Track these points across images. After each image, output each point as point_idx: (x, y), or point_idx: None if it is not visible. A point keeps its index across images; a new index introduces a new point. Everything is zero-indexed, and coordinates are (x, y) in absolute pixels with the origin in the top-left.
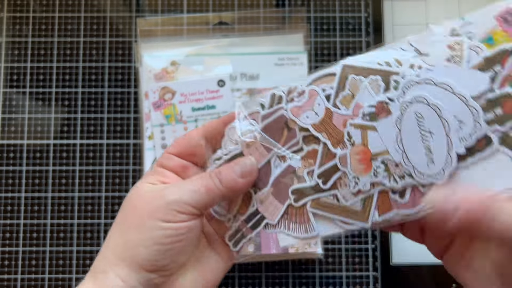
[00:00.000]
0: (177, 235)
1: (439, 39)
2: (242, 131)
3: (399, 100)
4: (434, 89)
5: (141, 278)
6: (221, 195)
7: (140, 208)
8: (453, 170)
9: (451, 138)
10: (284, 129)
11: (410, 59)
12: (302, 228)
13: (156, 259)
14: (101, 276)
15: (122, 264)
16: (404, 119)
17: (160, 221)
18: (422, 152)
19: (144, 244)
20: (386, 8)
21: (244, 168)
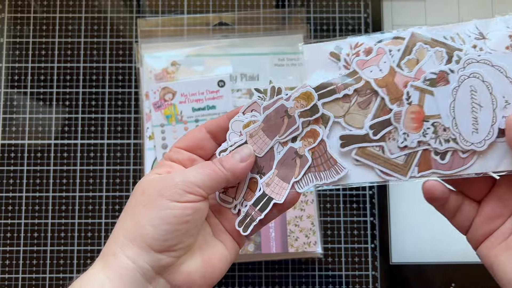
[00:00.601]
0: (184, 216)
1: (502, 27)
2: (245, 123)
3: (459, 72)
4: (490, 69)
5: (150, 259)
6: (225, 178)
7: (149, 191)
8: (492, 141)
9: (496, 114)
10: (284, 117)
11: (474, 40)
12: (333, 171)
13: (164, 239)
14: (111, 258)
15: (131, 244)
16: (460, 90)
17: (168, 200)
18: (470, 122)
19: (152, 223)
20: (385, 8)
21: (243, 154)
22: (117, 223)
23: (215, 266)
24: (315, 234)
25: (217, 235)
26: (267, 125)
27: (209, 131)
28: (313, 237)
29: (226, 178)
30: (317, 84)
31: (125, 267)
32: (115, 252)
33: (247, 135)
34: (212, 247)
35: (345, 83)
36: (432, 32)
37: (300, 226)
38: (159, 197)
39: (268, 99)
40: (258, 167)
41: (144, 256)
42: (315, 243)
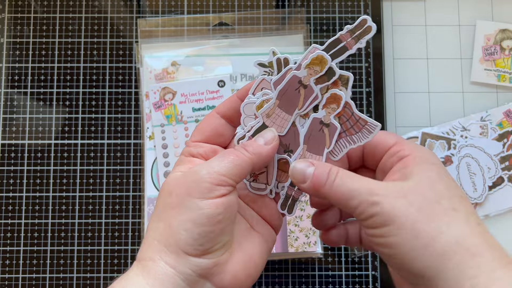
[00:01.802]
0: (216, 215)
1: (474, 122)
2: (258, 103)
3: (457, 155)
4: (475, 150)
5: (189, 264)
6: (250, 162)
7: (176, 191)
8: (486, 194)
9: (485, 177)
10: (300, 88)
11: (460, 132)
12: (365, 132)
13: (199, 243)
14: (150, 264)
15: (167, 250)
16: (460, 166)
17: (197, 199)
18: (470, 185)
19: (184, 227)
20: (385, 8)
21: (267, 137)
22: (149, 226)
23: (257, 262)
24: (315, 234)
25: (255, 226)
26: (283, 101)
27: (223, 116)
28: (313, 237)
29: (252, 162)
30: (326, 45)
31: (165, 273)
32: (153, 258)
33: (264, 116)
34: (251, 242)
35: (355, 35)
36: (434, 130)
37: (300, 226)
38: (188, 196)
39: (276, 73)
40: (284, 146)
41: (183, 262)
42: (315, 243)
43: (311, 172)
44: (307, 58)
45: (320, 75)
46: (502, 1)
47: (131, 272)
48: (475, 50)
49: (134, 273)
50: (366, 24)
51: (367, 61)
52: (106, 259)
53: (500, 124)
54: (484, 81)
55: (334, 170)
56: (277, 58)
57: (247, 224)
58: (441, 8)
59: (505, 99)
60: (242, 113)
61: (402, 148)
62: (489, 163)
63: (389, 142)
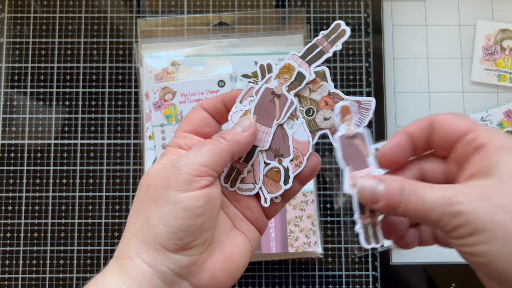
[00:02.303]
0: (196, 208)
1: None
2: (242, 114)
3: None
4: None
5: (167, 261)
6: (229, 150)
7: (154, 185)
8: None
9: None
10: (273, 99)
11: None
12: (364, 111)
13: (177, 237)
14: (127, 262)
15: (145, 247)
16: None
17: (176, 191)
18: None
19: (163, 221)
20: (385, 8)
21: (244, 125)
22: (127, 223)
23: (238, 261)
24: (315, 234)
25: (238, 226)
26: (260, 115)
27: (207, 111)
28: (313, 237)
29: (230, 149)
30: (303, 51)
31: (143, 272)
32: (130, 256)
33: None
34: (232, 240)
35: (331, 40)
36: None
37: (300, 226)
38: (166, 189)
39: (261, 79)
40: (274, 151)
41: (160, 259)
42: (315, 243)
43: (382, 190)
44: (276, 69)
45: (291, 82)
46: (502, 1)
47: (108, 272)
48: (475, 50)
49: (111, 273)
50: (340, 28)
51: (367, 61)
52: (106, 259)
53: (501, 124)
54: (485, 81)
55: (407, 185)
56: (260, 65)
57: (230, 221)
58: (441, 8)
59: (506, 99)
60: (230, 121)
61: (478, 135)
62: None
63: (462, 127)
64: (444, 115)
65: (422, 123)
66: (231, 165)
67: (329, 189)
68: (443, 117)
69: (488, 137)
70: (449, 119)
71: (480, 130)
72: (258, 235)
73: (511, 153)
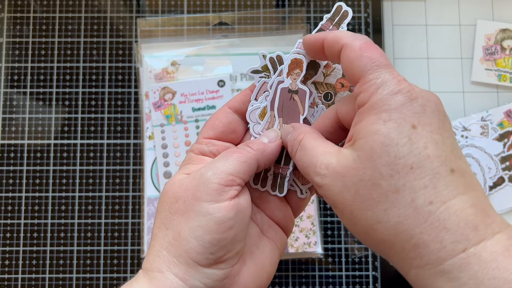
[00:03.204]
0: (227, 220)
1: (475, 122)
2: (260, 111)
3: None
4: (475, 149)
5: (200, 276)
6: (255, 158)
7: (183, 196)
8: (487, 195)
9: (485, 178)
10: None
11: (461, 132)
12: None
13: (210, 252)
14: (157, 275)
15: (176, 261)
16: None
17: (206, 203)
18: None
19: (194, 235)
20: (385, 8)
21: (270, 136)
22: (154, 234)
23: (268, 270)
24: (315, 234)
25: (266, 233)
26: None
27: (236, 111)
28: (313, 237)
29: (256, 158)
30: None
31: (175, 287)
32: (161, 269)
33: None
34: (262, 249)
35: (336, 22)
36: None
37: (300, 226)
38: (195, 201)
39: (273, 72)
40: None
41: (194, 274)
42: (315, 243)
43: (288, 138)
44: (286, 67)
45: (304, 74)
46: (502, 1)
47: (137, 284)
48: (476, 50)
49: (141, 286)
50: (342, 10)
51: None
52: (106, 259)
53: (501, 124)
54: (485, 81)
55: (304, 140)
56: (270, 57)
57: (258, 229)
58: (442, 8)
59: (506, 99)
60: (248, 121)
61: (361, 90)
62: (489, 163)
63: (355, 74)
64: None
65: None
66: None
67: None
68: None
69: (373, 88)
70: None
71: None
72: (285, 239)
73: (381, 117)
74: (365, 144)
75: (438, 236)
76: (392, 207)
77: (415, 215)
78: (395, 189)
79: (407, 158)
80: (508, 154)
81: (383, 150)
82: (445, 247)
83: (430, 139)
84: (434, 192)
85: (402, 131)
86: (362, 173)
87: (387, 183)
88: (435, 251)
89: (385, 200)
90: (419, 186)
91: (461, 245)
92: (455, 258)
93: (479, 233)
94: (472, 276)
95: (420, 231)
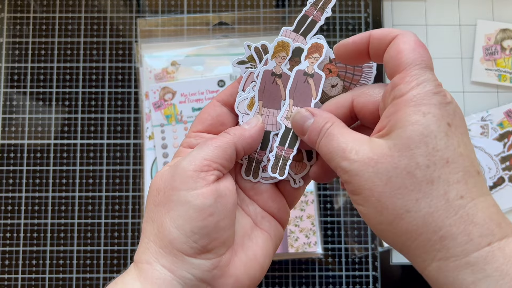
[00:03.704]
0: (206, 207)
1: (475, 122)
2: (248, 102)
3: None
4: (476, 150)
5: (188, 266)
6: (232, 142)
7: (163, 188)
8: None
9: (485, 178)
10: (275, 79)
11: None
12: (367, 70)
13: (193, 240)
14: (146, 267)
15: (163, 252)
16: None
17: (183, 191)
18: None
19: (175, 224)
20: (386, 8)
21: (250, 122)
22: (143, 228)
23: (261, 262)
24: (315, 234)
25: (259, 224)
26: (266, 99)
27: (224, 103)
28: (313, 237)
29: (233, 142)
30: (295, 25)
31: (163, 278)
32: (149, 261)
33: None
34: (255, 240)
35: (320, 7)
36: None
37: (300, 226)
38: (173, 191)
39: (258, 62)
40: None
41: (181, 264)
42: (315, 243)
43: (309, 125)
44: (271, 49)
45: (289, 58)
46: (502, 1)
47: (128, 276)
48: (476, 50)
49: (131, 277)
50: None
51: None
52: (106, 259)
53: (501, 124)
54: (485, 81)
55: (326, 126)
56: (254, 47)
57: (250, 220)
58: (442, 8)
59: (506, 99)
60: (237, 112)
61: (402, 82)
62: (489, 163)
63: (400, 64)
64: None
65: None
66: (249, 157)
67: (329, 189)
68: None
69: (410, 84)
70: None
71: (409, 74)
72: (281, 231)
73: (420, 110)
74: (403, 133)
75: (466, 229)
76: (425, 198)
77: (446, 207)
78: (430, 180)
79: (444, 152)
80: (508, 154)
81: (422, 140)
82: (472, 240)
83: (461, 139)
84: (465, 188)
85: (440, 125)
86: (398, 161)
87: (422, 173)
88: (462, 243)
89: (418, 190)
90: (453, 180)
91: (487, 239)
92: (481, 251)
93: (503, 230)
94: (497, 268)
95: (449, 223)
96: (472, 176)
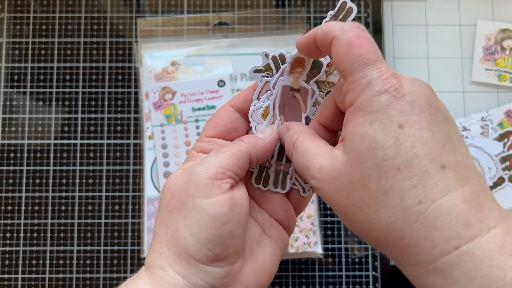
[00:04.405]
0: (221, 215)
1: (475, 122)
2: (262, 111)
3: None
4: (475, 150)
5: (201, 274)
6: (245, 151)
7: (178, 193)
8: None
9: (485, 178)
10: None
11: (461, 132)
12: None
13: (208, 248)
14: (160, 272)
15: (177, 258)
16: None
17: (198, 198)
18: None
19: (191, 232)
20: (386, 8)
21: (264, 131)
22: (155, 232)
23: (270, 270)
24: (315, 234)
25: (268, 231)
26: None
27: (237, 109)
28: (313, 237)
29: (247, 150)
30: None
31: (176, 283)
32: (162, 266)
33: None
34: (264, 248)
35: (340, 19)
36: None
37: (300, 226)
38: (189, 197)
39: (275, 72)
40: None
41: (194, 271)
42: (315, 243)
43: (285, 138)
44: (288, 65)
45: (307, 72)
46: (502, 1)
47: (140, 280)
48: (476, 50)
49: (143, 281)
50: (346, 6)
51: None
52: (106, 259)
53: (501, 124)
54: (485, 81)
55: (298, 141)
56: (272, 56)
57: (259, 228)
58: (442, 8)
59: (506, 99)
60: (251, 120)
61: (348, 89)
62: (489, 163)
63: (344, 70)
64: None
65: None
66: (260, 165)
67: None
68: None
69: (355, 94)
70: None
71: (352, 81)
72: (287, 237)
73: (367, 119)
74: (353, 147)
75: (429, 235)
76: (382, 208)
77: (405, 215)
78: (384, 191)
79: (394, 159)
80: (508, 154)
81: (370, 153)
82: (437, 245)
83: (419, 137)
84: (423, 191)
85: (388, 132)
86: (352, 175)
87: (375, 185)
88: (427, 250)
89: (375, 202)
90: (408, 186)
91: (453, 243)
92: (448, 256)
93: (472, 230)
94: (465, 273)
95: (411, 230)
96: (433, 175)
